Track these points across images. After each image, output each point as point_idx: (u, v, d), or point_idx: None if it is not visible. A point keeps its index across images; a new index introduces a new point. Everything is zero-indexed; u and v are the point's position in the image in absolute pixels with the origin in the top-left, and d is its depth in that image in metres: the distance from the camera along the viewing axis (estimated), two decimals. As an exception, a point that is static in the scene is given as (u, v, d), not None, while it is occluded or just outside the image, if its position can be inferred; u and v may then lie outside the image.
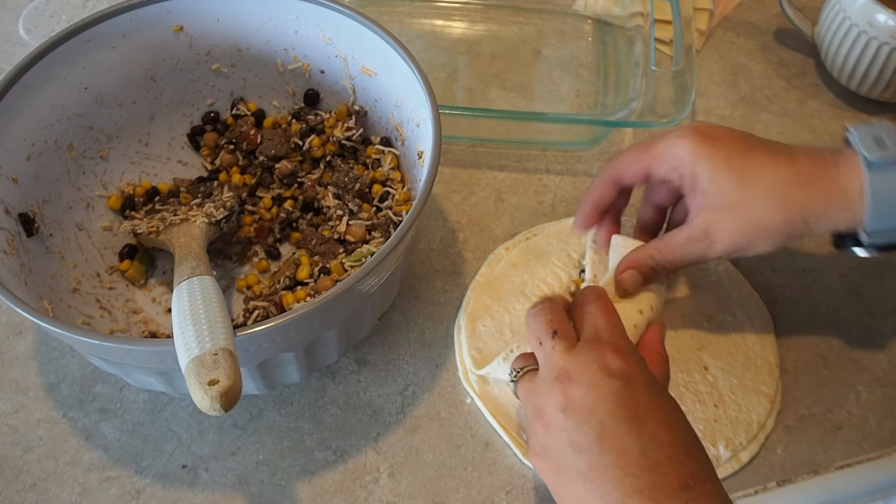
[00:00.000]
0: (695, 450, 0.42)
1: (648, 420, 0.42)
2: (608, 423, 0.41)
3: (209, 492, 0.52)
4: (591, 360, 0.43)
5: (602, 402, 0.42)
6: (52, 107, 0.57)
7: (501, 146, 0.70)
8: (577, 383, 0.43)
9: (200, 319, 0.44)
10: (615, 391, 0.42)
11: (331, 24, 0.60)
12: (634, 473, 0.40)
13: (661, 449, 0.41)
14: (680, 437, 0.42)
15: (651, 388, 0.43)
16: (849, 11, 0.68)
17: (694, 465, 0.41)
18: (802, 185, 0.48)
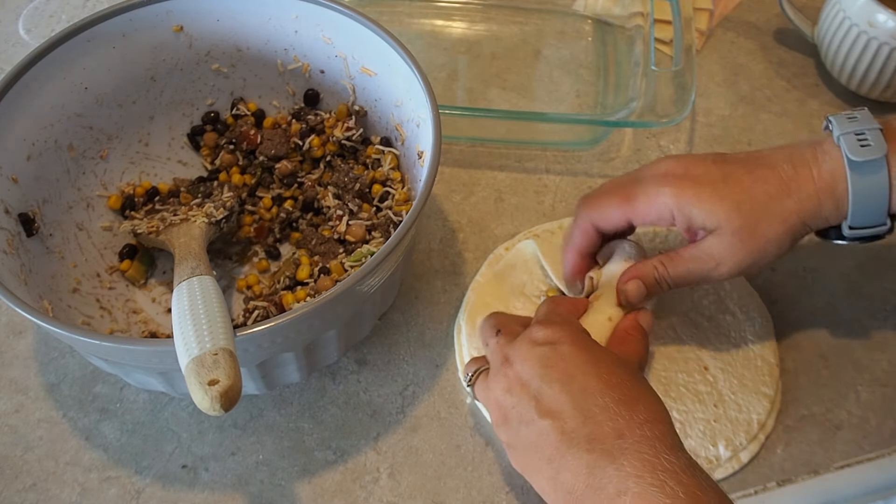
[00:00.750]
0: (631, 395, 0.42)
1: (577, 375, 0.43)
2: (541, 388, 0.43)
3: (209, 492, 0.52)
4: (523, 339, 0.46)
5: (532, 370, 0.44)
6: (52, 107, 0.57)
7: (501, 146, 0.70)
8: (513, 362, 0.45)
9: (200, 319, 0.44)
10: (542, 356, 0.44)
11: (331, 24, 0.60)
12: (571, 429, 0.41)
13: (591, 399, 0.42)
14: (612, 385, 0.42)
15: (578, 344, 0.44)
16: (849, 11, 0.68)
17: (629, 409, 0.41)
18: (793, 192, 0.48)
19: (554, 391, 0.43)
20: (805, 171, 0.48)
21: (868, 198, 0.47)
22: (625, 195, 0.51)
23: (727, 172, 0.49)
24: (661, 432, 0.41)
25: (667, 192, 0.49)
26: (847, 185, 0.47)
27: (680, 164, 0.50)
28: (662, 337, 0.57)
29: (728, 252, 0.49)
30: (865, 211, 0.48)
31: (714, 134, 0.71)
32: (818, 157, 0.48)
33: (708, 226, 0.49)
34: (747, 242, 0.49)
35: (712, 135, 0.71)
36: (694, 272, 0.50)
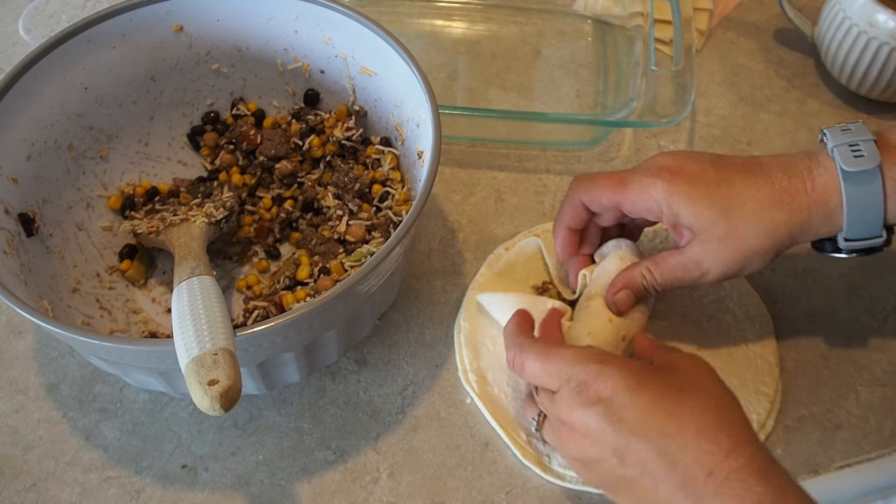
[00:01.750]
0: (710, 421, 0.41)
1: (648, 420, 0.42)
2: (618, 444, 0.42)
3: (209, 492, 0.52)
4: (572, 403, 0.44)
5: (600, 430, 0.42)
6: (52, 107, 0.57)
7: (501, 146, 0.70)
8: (571, 425, 0.44)
9: (200, 319, 0.44)
10: (600, 417, 0.42)
11: (331, 24, 0.60)
12: (662, 478, 0.41)
13: (672, 441, 0.41)
14: (684, 419, 0.41)
15: (634, 389, 0.43)
16: (849, 11, 0.68)
17: (711, 444, 0.40)
18: (783, 204, 0.48)
19: (633, 445, 0.42)
20: (799, 182, 0.48)
21: (862, 209, 0.47)
22: (618, 179, 0.51)
23: (722, 176, 0.49)
24: (746, 459, 0.40)
25: (659, 185, 0.49)
26: (841, 197, 0.47)
27: (677, 160, 0.50)
28: (662, 337, 0.57)
29: (713, 259, 0.49)
30: (860, 222, 0.48)
31: (714, 134, 0.71)
32: (812, 168, 0.48)
33: (694, 228, 0.49)
34: (732, 251, 0.49)
35: (712, 135, 0.71)
36: (681, 279, 0.50)
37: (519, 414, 0.54)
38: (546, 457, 0.52)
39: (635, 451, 0.42)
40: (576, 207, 0.53)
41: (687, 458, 0.40)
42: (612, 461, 0.42)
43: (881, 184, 0.47)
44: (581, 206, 0.53)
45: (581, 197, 0.53)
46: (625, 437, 0.42)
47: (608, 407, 0.42)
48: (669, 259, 0.50)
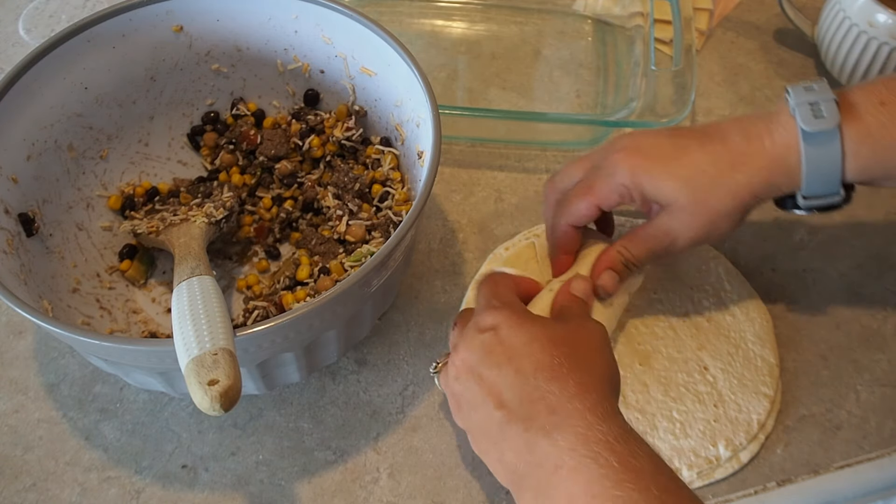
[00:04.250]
0: (562, 372, 0.43)
1: (513, 357, 0.44)
2: (483, 372, 0.44)
3: (209, 492, 0.52)
4: (469, 328, 0.47)
5: (476, 356, 0.45)
6: (52, 107, 0.57)
7: (501, 146, 0.70)
8: (459, 350, 0.46)
9: (200, 319, 0.44)
10: (483, 342, 0.45)
11: (331, 24, 0.60)
12: (510, 410, 0.42)
13: (524, 380, 0.43)
14: (543, 365, 0.43)
15: (515, 326, 0.45)
16: (849, 11, 0.68)
17: (560, 387, 0.42)
18: (743, 166, 0.49)
19: (493, 375, 0.44)
20: (757, 143, 0.49)
21: (821, 168, 0.48)
22: (587, 187, 0.52)
23: (679, 146, 0.50)
24: (592, 402, 0.41)
25: (620, 171, 0.50)
26: (800, 156, 0.48)
27: (633, 140, 0.52)
28: (662, 337, 0.57)
29: (681, 227, 0.50)
30: (819, 181, 0.49)
31: (714, 134, 0.71)
32: (772, 128, 0.49)
33: (660, 200, 0.50)
34: (698, 217, 0.50)
35: (712, 135, 0.71)
36: (654, 249, 0.52)
37: None
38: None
39: (494, 384, 0.43)
40: (566, 233, 0.54)
41: (535, 395, 0.42)
42: (475, 391, 0.44)
43: (840, 144, 0.47)
44: (571, 230, 0.54)
45: (568, 221, 0.54)
46: (489, 367, 0.44)
47: (492, 335, 0.45)
48: (640, 232, 0.52)
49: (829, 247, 0.63)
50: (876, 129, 0.47)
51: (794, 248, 0.63)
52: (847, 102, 0.48)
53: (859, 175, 0.49)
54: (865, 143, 0.47)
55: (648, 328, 0.57)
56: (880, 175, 0.49)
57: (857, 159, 0.48)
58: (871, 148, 0.47)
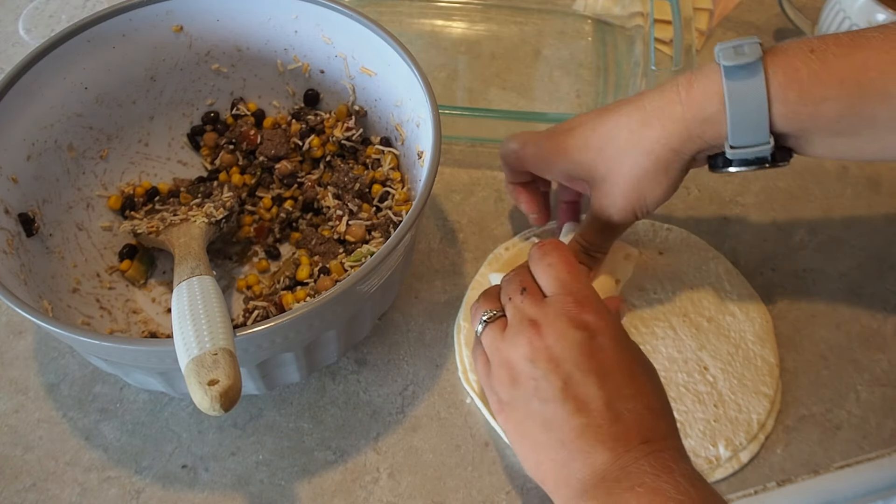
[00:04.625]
0: (657, 405, 0.43)
1: (614, 372, 0.42)
2: (574, 374, 0.42)
3: (209, 492, 0.52)
4: (559, 312, 0.44)
5: (569, 353, 0.43)
6: (52, 107, 0.57)
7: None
8: (544, 334, 0.43)
9: (200, 319, 0.44)
10: (581, 342, 0.43)
11: (331, 24, 0.60)
12: (597, 424, 0.41)
13: (623, 402, 0.42)
14: (643, 392, 0.42)
15: (618, 340, 0.43)
16: (849, 11, 0.68)
17: (655, 420, 0.42)
18: (654, 121, 0.47)
19: (587, 382, 0.42)
20: (672, 94, 0.47)
21: (745, 106, 0.45)
22: (521, 156, 0.54)
23: (598, 118, 0.49)
24: (678, 447, 0.42)
25: (544, 147, 0.51)
26: (723, 98, 0.45)
27: (567, 122, 0.52)
28: (662, 337, 0.57)
29: (608, 200, 0.50)
30: (745, 124, 0.45)
31: (714, 134, 0.71)
32: (692, 80, 0.47)
33: (582, 177, 0.50)
34: (620, 185, 0.49)
35: (712, 135, 0.71)
36: (602, 230, 0.51)
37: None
38: (546, 457, 0.52)
39: (583, 390, 0.42)
40: (518, 177, 0.57)
41: (630, 421, 0.41)
42: (554, 386, 0.42)
43: (763, 79, 0.44)
44: (521, 181, 0.57)
45: (516, 179, 0.57)
46: (584, 372, 0.42)
47: (590, 338, 0.43)
48: (586, 220, 0.52)
49: (829, 247, 0.63)
50: (805, 74, 0.44)
51: (794, 248, 0.63)
52: (775, 48, 0.45)
53: (789, 123, 0.45)
54: (792, 88, 0.44)
55: (648, 328, 0.57)
56: (810, 127, 0.45)
57: (785, 104, 0.44)
58: (798, 93, 0.44)
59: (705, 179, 0.67)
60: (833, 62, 0.44)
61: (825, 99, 0.44)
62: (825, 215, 0.65)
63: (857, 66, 0.43)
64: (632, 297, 0.59)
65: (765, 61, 0.44)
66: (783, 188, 0.67)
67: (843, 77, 0.44)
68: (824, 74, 0.44)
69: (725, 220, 0.65)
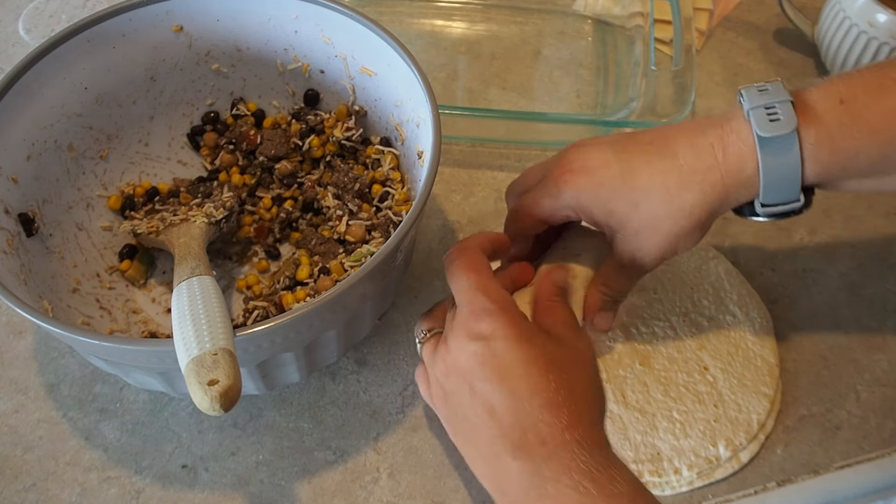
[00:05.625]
0: (561, 397, 0.42)
1: (507, 376, 0.42)
2: (475, 384, 0.43)
3: (209, 492, 0.52)
4: (459, 325, 0.45)
5: (469, 364, 0.43)
6: (52, 107, 0.57)
7: (501, 146, 0.70)
8: (450, 348, 0.44)
9: (200, 319, 0.44)
10: (476, 352, 0.43)
11: (331, 24, 0.60)
12: (501, 433, 0.42)
13: (518, 404, 0.42)
14: (539, 389, 0.42)
15: (512, 339, 0.43)
16: (849, 11, 0.68)
17: (553, 416, 0.41)
18: (694, 185, 0.46)
19: (486, 389, 0.42)
20: (709, 157, 0.46)
21: (779, 175, 0.45)
22: (534, 202, 0.51)
23: (626, 167, 0.47)
24: (580, 435, 0.41)
25: (566, 194, 0.48)
26: (757, 164, 0.45)
27: (580, 156, 0.49)
28: (662, 337, 0.57)
29: (639, 251, 0.49)
30: (777, 188, 0.46)
31: (714, 134, 0.71)
32: (724, 138, 0.46)
33: (611, 225, 0.49)
34: (655, 240, 0.48)
35: (712, 135, 0.71)
36: (630, 276, 0.50)
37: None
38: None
39: (486, 399, 0.42)
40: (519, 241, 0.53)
41: (527, 422, 0.41)
42: (465, 398, 0.43)
43: (798, 149, 0.44)
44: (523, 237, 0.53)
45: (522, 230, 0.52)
46: (483, 380, 0.43)
47: (485, 346, 0.43)
48: (610, 269, 0.51)
49: (829, 247, 0.63)
50: (836, 129, 0.44)
51: (794, 248, 0.63)
52: (804, 103, 0.45)
53: (819, 178, 0.46)
54: (825, 147, 0.44)
55: (648, 328, 0.57)
56: (839, 176, 0.46)
57: (817, 163, 0.45)
58: (830, 150, 0.44)
59: (705, 179, 0.67)
60: (863, 113, 0.44)
61: (858, 152, 0.44)
62: (825, 215, 0.65)
63: (888, 114, 0.44)
64: (632, 296, 0.59)
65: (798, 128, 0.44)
66: (783, 188, 0.67)
67: (874, 128, 0.44)
68: (855, 128, 0.44)
69: (725, 220, 0.65)
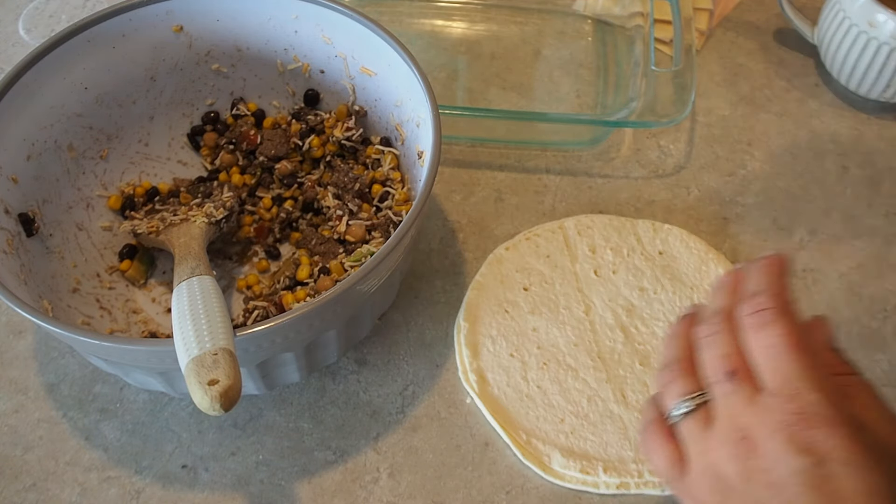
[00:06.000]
0: None
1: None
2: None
3: (209, 492, 0.52)
4: (777, 426, 0.36)
5: (789, 481, 0.35)
6: (52, 107, 0.57)
7: (501, 146, 0.70)
8: (760, 454, 0.36)
9: (200, 319, 0.44)
10: (803, 471, 0.35)
11: (331, 24, 0.60)
12: None
13: None
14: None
15: (855, 469, 0.34)
16: (849, 11, 0.68)
17: None
18: None
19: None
20: None
21: None
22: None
23: None
24: None
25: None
26: None
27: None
28: (662, 337, 0.57)
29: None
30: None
31: (714, 134, 0.71)
32: None
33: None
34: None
35: (712, 135, 0.71)
36: None
37: (519, 414, 0.54)
38: (546, 457, 0.52)
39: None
40: None
41: None
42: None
43: None
44: None
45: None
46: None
47: (817, 465, 0.35)
48: None
49: (829, 247, 0.63)
50: None
51: (794, 248, 0.63)
52: None
53: None
54: None
55: (648, 328, 0.57)
56: None
57: None
58: None
59: (705, 179, 0.67)
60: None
61: None
62: (825, 215, 0.65)
63: None
64: (632, 297, 0.59)
65: None
66: (783, 188, 0.67)
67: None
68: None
69: (725, 220, 0.65)
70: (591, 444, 0.52)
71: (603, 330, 0.57)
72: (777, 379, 0.37)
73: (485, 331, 0.57)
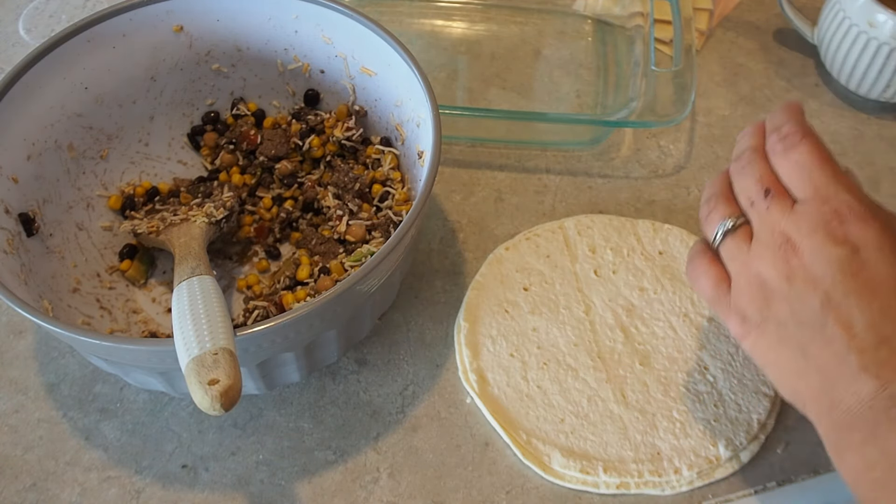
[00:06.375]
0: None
1: (880, 291, 0.38)
2: (833, 294, 0.38)
3: (209, 492, 0.52)
4: (815, 225, 0.39)
5: (828, 271, 0.38)
6: (52, 107, 0.57)
7: (501, 146, 0.70)
8: (800, 251, 0.39)
9: (200, 319, 0.44)
10: (842, 259, 0.38)
11: (331, 24, 0.60)
12: (859, 349, 0.37)
13: (891, 324, 0.37)
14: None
15: (885, 252, 0.38)
16: (849, 11, 0.68)
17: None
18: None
19: (848, 303, 0.38)
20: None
21: None
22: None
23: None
24: None
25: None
26: None
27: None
28: (663, 337, 0.57)
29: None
30: None
31: (714, 134, 0.71)
32: None
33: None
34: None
35: (712, 135, 0.71)
36: None
37: (519, 414, 0.54)
38: (546, 456, 0.52)
39: (845, 313, 0.38)
40: None
41: (894, 343, 0.37)
42: (813, 308, 0.38)
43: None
44: None
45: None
46: (845, 294, 0.38)
47: (852, 253, 0.38)
48: None
49: (829, 247, 0.63)
50: None
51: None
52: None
53: None
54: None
55: (648, 328, 0.57)
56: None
57: None
58: None
59: (705, 179, 0.67)
60: None
61: None
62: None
63: None
64: (632, 297, 0.59)
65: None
66: (783, 188, 0.67)
67: None
68: None
69: (725, 220, 0.65)
70: (591, 444, 0.52)
71: (603, 330, 0.57)
72: (809, 189, 0.40)
73: (485, 331, 0.57)
